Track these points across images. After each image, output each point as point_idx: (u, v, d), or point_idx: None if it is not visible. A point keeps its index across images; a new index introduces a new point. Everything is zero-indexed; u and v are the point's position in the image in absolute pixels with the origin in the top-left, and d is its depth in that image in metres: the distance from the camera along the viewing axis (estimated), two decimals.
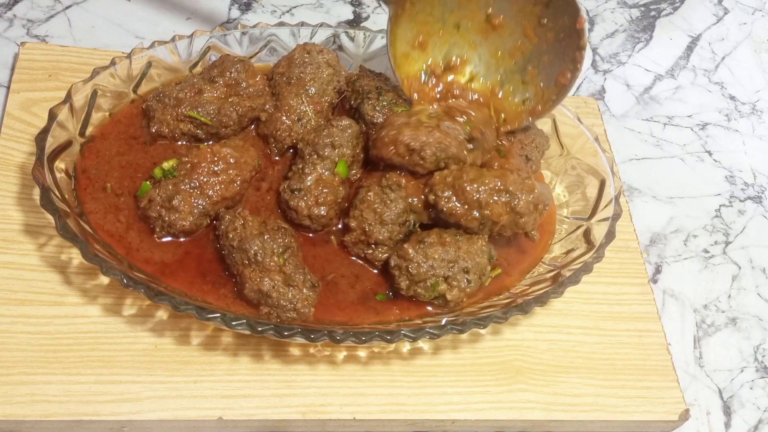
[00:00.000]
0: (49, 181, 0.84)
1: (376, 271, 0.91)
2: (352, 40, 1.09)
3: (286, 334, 0.80)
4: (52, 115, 0.88)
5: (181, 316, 0.88)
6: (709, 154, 1.31)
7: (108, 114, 0.96)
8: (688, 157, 1.29)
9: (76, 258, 0.90)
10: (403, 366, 0.91)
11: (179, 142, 0.96)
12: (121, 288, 0.83)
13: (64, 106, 0.89)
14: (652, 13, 1.51)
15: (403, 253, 0.87)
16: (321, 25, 1.08)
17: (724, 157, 1.31)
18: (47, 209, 0.81)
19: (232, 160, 0.89)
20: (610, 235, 0.95)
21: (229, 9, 1.28)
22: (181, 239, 0.88)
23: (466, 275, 0.87)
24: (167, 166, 0.89)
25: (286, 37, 1.07)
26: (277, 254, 0.84)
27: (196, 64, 1.03)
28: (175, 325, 0.88)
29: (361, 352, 0.91)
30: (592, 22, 1.46)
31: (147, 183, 0.89)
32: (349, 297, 0.89)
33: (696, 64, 1.44)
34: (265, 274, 0.83)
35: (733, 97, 1.41)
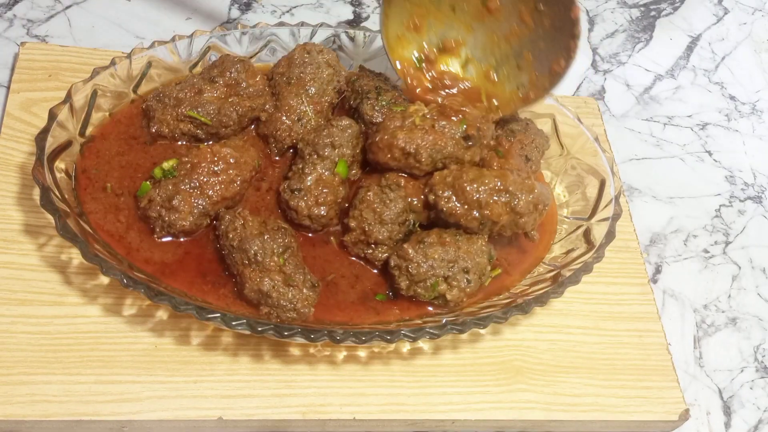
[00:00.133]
0: (49, 181, 0.84)
1: (376, 271, 0.91)
2: (352, 40, 1.09)
3: (286, 334, 0.80)
4: (52, 115, 0.88)
5: (181, 316, 0.88)
6: (709, 154, 1.31)
7: (108, 114, 0.96)
8: (688, 157, 1.29)
9: (76, 258, 0.90)
10: (403, 366, 0.91)
11: (179, 142, 0.96)
12: (121, 288, 0.83)
13: (64, 106, 0.89)
14: (652, 13, 1.51)
15: (402, 253, 0.87)
16: (321, 25, 1.08)
17: (724, 157, 1.31)
18: (47, 209, 0.81)
19: (232, 160, 0.89)
20: (610, 235, 0.95)
21: (229, 9, 1.28)
22: (181, 239, 0.88)
23: (466, 275, 0.87)
24: (167, 166, 0.89)
25: (286, 37, 1.07)
26: (277, 254, 0.84)
27: (196, 64, 1.03)
28: (175, 325, 0.88)
29: (361, 352, 0.91)
30: (592, 22, 1.46)
31: (147, 183, 0.89)
32: (349, 297, 0.89)
33: (696, 64, 1.44)
34: (265, 274, 0.83)
35: (733, 97, 1.41)
